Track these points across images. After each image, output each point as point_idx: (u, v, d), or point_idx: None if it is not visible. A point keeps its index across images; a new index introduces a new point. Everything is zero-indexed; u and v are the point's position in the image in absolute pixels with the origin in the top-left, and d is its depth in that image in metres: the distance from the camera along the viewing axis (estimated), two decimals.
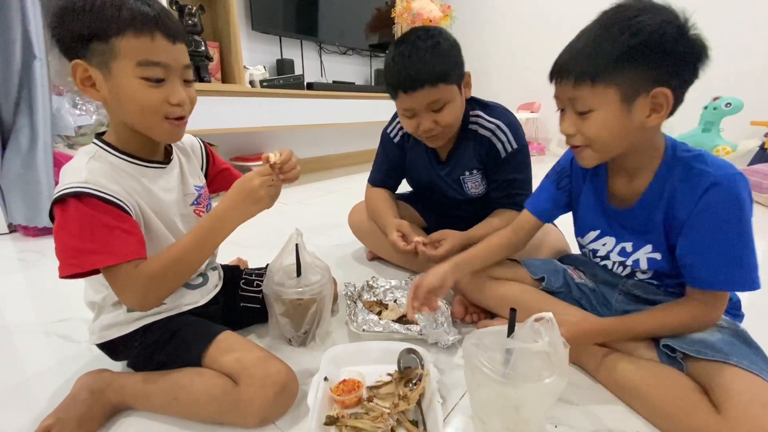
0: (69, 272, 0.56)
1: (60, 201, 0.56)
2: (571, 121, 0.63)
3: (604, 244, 0.75)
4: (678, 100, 0.58)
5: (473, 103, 1.02)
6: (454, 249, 0.93)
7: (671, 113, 0.59)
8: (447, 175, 1.08)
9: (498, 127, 0.99)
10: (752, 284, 0.60)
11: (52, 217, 0.59)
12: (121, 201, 0.58)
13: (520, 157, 1.00)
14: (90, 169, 0.58)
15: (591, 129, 0.61)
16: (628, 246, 0.71)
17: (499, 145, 0.99)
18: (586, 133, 0.62)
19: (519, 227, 0.85)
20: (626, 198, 0.70)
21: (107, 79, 0.57)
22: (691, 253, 0.63)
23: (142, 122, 0.61)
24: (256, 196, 0.62)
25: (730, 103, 2.41)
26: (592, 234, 0.77)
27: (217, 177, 0.84)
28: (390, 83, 0.91)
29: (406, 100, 0.90)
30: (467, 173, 1.05)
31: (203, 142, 0.83)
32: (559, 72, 0.62)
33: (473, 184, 1.06)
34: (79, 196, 0.55)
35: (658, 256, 0.68)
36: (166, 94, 0.60)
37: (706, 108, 2.50)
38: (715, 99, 2.46)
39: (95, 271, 0.58)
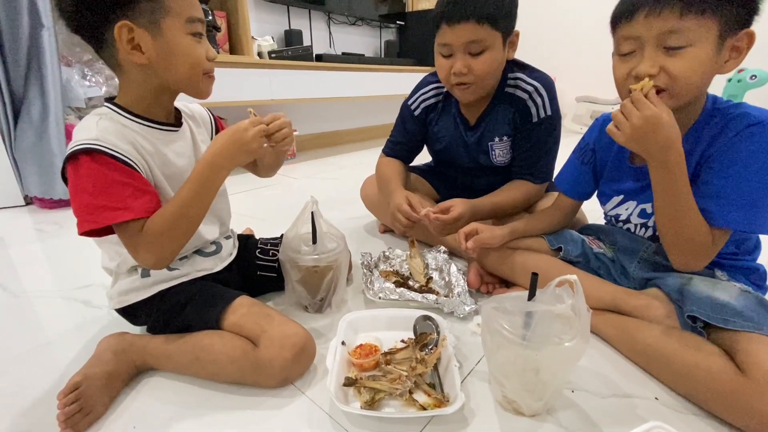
0: (85, 228, 0.56)
1: (72, 158, 0.56)
2: (653, 60, 0.55)
3: (627, 209, 0.75)
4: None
5: (514, 65, 0.98)
6: (464, 214, 0.91)
7: None
8: (475, 141, 1.04)
9: (536, 90, 0.95)
10: (762, 228, 0.58)
11: (65, 178, 0.59)
12: (131, 160, 0.58)
13: (551, 126, 0.97)
14: (101, 127, 0.58)
15: (682, 67, 0.54)
16: (648, 207, 0.71)
17: (533, 109, 0.95)
18: (673, 71, 0.55)
19: (559, 206, 0.87)
20: None
21: (156, 38, 0.57)
22: (706, 184, 0.60)
23: (188, 79, 0.62)
24: (248, 148, 0.62)
25: (755, 76, 2.31)
26: (616, 199, 0.77)
27: None
28: (436, 12, 0.88)
29: (446, 33, 0.86)
30: (497, 139, 1.01)
31: (211, 113, 0.82)
32: (657, 0, 0.54)
33: (501, 151, 1.03)
34: (90, 152, 0.55)
35: None
36: (205, 50, 0.62)
37: (729, 80, 2.41)
38: (740, 71, 2.36)
39: (110, 231, 0.58)
